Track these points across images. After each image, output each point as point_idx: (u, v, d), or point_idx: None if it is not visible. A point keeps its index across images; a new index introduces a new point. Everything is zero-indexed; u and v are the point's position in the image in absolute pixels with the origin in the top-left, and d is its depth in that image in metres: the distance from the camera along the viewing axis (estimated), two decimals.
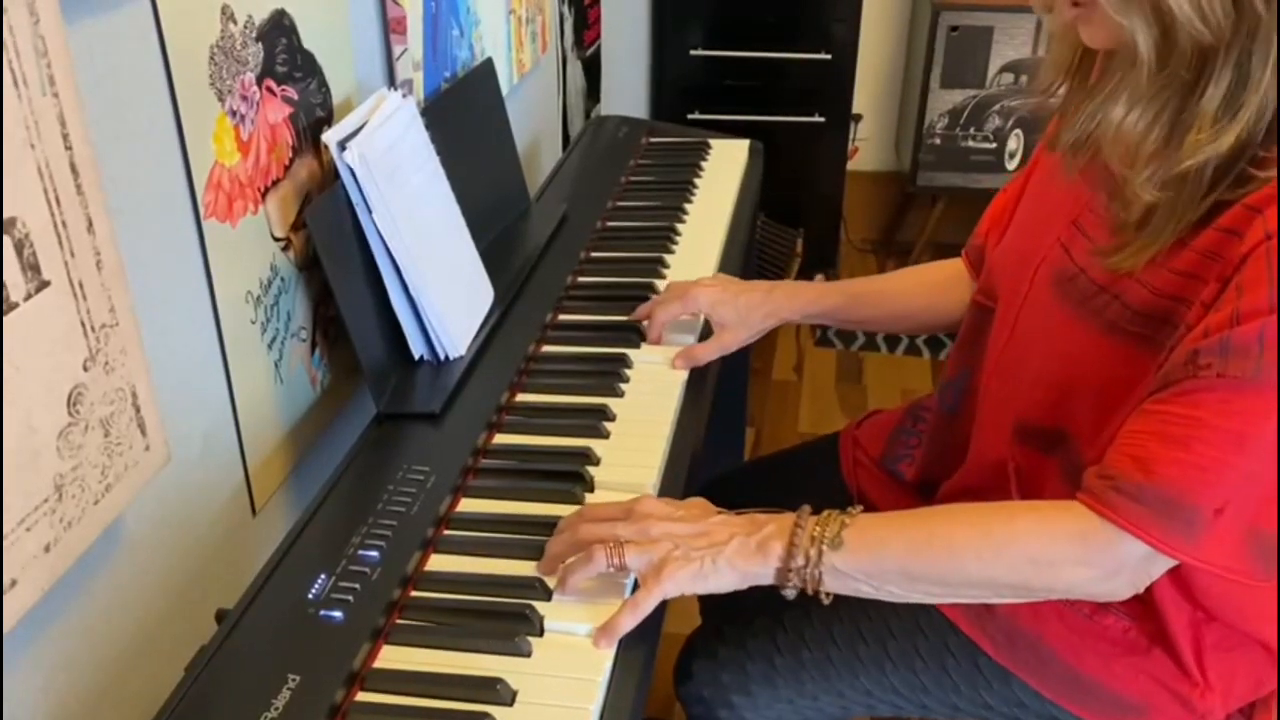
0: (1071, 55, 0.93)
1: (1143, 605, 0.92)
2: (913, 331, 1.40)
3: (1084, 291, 0.90)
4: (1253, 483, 0.77)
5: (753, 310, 1.19)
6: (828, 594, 0.85)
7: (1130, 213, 0.84)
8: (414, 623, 0.82)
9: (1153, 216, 0.83)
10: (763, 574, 0.85)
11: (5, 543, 0.67)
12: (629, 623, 0.80)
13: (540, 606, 0.82)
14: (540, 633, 0.81)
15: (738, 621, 1.06)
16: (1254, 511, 0.79)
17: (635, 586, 0.84)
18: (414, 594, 0.85)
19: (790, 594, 0.85)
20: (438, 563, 0.88)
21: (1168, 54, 0.78)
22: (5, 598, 0.67)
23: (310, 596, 0.81)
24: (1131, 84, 0.81)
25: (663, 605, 0.83)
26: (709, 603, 1.36)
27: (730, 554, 0.84)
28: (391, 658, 0.79)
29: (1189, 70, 0.78)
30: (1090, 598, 0.91)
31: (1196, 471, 0.77)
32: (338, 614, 0.80)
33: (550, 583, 0.85)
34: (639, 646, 0.81)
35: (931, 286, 1.22)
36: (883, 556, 0.85)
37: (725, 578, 0.84)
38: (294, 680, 0.74)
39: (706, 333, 1.23)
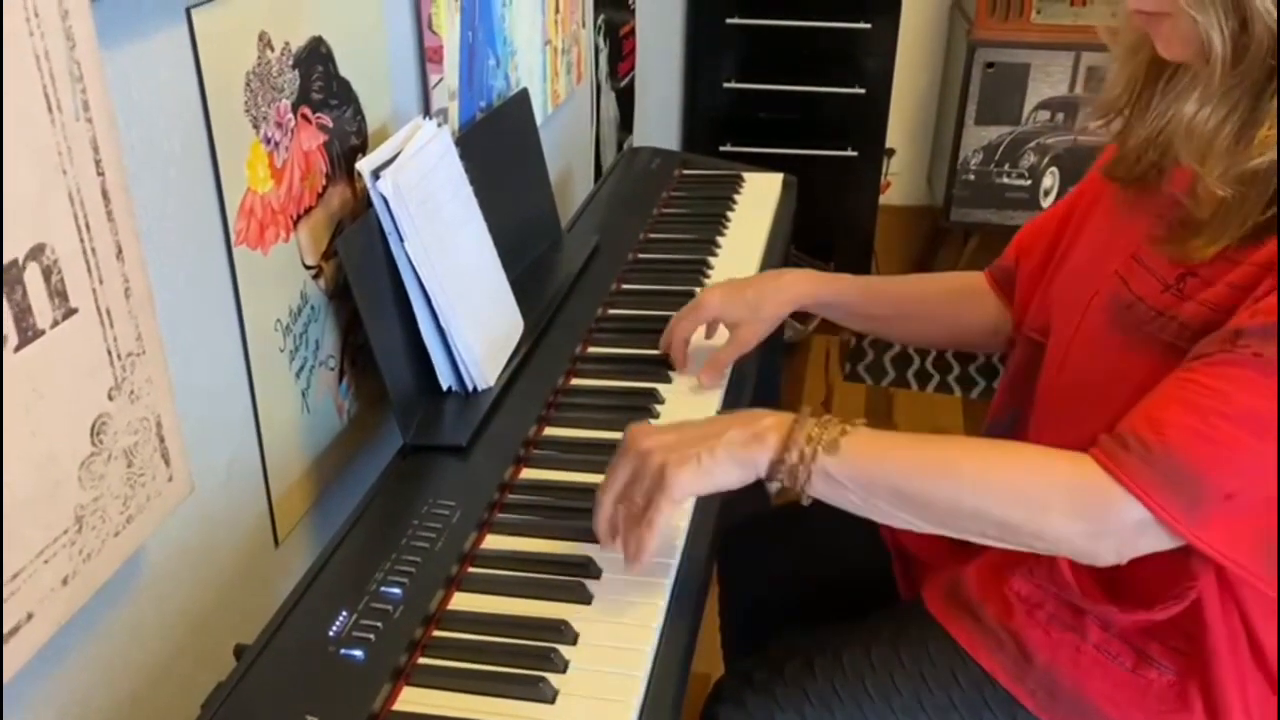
0: (1132, 83, 0.92)
1: (1187, 658, 0.89)
2: (923, 339, 1.37)
3: (1140, 318, 0.88)
4: (1268, 473, 0.75)
5: (763, 301, 1.18)
6: (808, 497, 0.84)
7: (1202, 209, 0.83)
8: (436, 663, 0.80)
9: (1221, 212, 0.82)
10: (759, 461, 0.84)
11: (23, 575, 0.66)
12: (650, 542, 0.84)
13: (565, 650, 0.80)
14: (565, 675, 0.78)
15: (767, 668, 1.03)
16: (1267, 506, 0.77)
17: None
18: (436, 633, 0.83)
19: (774, 488, 0.84)
20: (461, 601, 0.86)
21: (1244, 48, 0.78)
22: (22, 631, 0.66)
23: (331, 634, 0.80)
24: (1204, 82, 0.81)
25: (690, 644, 0.81)
26: (735, 648, 1.33)
27: (727, 441, 0.84)
28: (412, 700, 0.77)
29: (1262, 67, 0.78)
30: (1073, 554, 0.87)
31: (1208, 445, 0.76)
32: (358, 653, 0.78)
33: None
34: (666, 693, 0.79)
35: (950, 294, 1.20)
36: (878, 468, 0.83)
37: (725, 468, 0.84)
38: None
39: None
